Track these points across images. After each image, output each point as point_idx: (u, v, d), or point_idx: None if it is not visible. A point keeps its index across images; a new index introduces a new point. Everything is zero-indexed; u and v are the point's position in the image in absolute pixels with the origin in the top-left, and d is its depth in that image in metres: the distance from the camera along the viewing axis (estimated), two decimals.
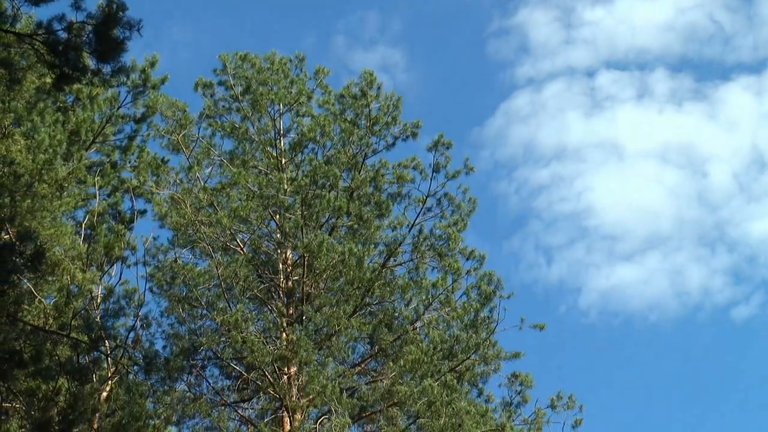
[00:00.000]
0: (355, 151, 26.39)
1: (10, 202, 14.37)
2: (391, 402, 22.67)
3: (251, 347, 22.21)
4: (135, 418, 19.18)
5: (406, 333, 23.99)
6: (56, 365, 15.63)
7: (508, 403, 24.60)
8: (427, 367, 22.07)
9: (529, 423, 24.20)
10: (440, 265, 25.42)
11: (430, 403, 21.08)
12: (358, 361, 25.41)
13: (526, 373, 24.84)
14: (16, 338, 15.07)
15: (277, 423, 24.08)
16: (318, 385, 21.56)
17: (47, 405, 16.48)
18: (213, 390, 24.88)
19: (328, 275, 24.36)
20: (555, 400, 24.46)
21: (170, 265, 24.39)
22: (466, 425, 20.92)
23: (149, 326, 23.22)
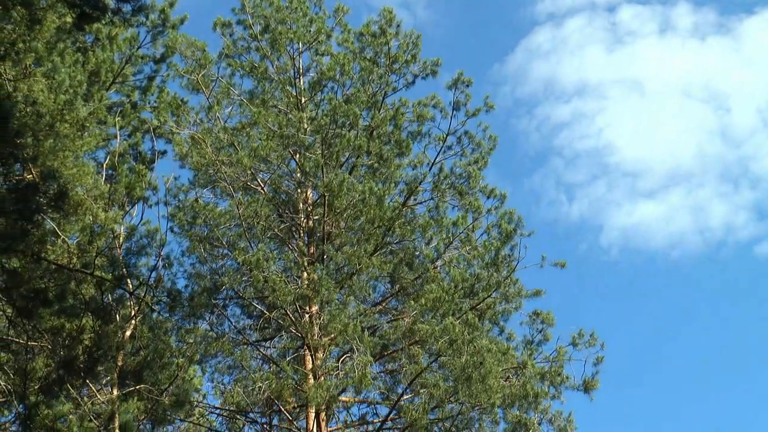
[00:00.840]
0: (375, 89, 26.30)
1: (33, 141, 14.39)
2: (413, 340, 22.74)
3: (273, 286, 22.27)
4: (159, 355, 19.34)
5: (427, 271, 24.04)
6: (80, 304, 15.74)
7: (530, 341, 24.67)
8: (448, 306, 22.09)
9: (550, 361, 24.27)
10: (461, 204, 25.44)
11: (451, 342, 21.11)
12: (379, 299, 25.49)
13: (548, 311, 24.91)
14: (40, 277, 15.17)
15: (299, 361, 24.22)
16: (339, 324, 21.64)
17: (72, 343, 16.63)
18: (235, 329, 25.02)
19: (349, 214, 24.38)
20: (576, 338, 24.51)
21: (191, 205, 24.45)
22: (488, 363, 20.96)
23: (171, 266, 23.31)
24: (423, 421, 21.52)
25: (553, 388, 23.88)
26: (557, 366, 24.02)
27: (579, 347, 24.45)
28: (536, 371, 23.04)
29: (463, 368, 20.84)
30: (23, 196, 13.80)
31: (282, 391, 22.38)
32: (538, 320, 24.77)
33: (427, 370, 21.94)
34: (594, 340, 24.39)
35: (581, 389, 24.14)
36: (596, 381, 24.13)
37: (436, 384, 21.31)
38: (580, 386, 24.13)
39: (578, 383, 24.16)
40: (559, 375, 23.89)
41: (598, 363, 24.26)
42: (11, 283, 14.83)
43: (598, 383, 24.15)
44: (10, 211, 13.66)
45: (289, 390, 22.52)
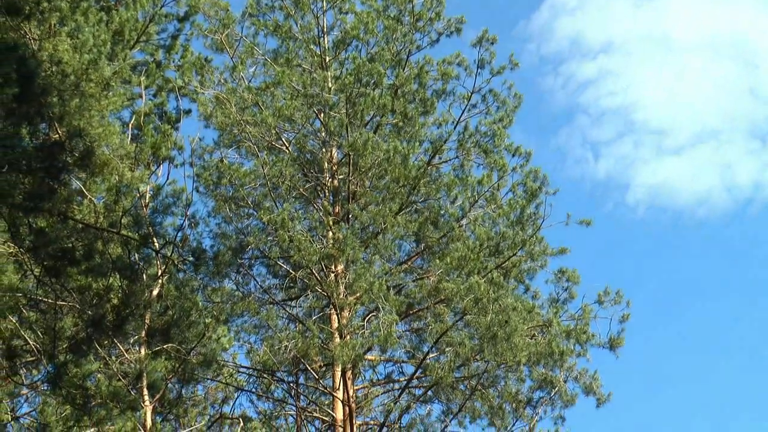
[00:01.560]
0: (399, 48, 26.18)
1: (58, 101, 14.41)
2: (438, 299, 22.77)
3: (298, 246, 22.32)
4: (186, 314, 19.42)
5: (452, 230, 24.03)
6: (107, 263, 15.80)
7: (555, 299, 24.70)
8: (473, 264, 22.10)
9: (575, 319, 24.29)
10: (485, 162, 25.38)
11: (476, 300, 21.14)
12: (404, 258, 25.50)
13: (573, 270, 24.91)
14: (67, 236, 15.24)
15: (324, 321, 24.33)
16: (365, 283, 21.70)
17: (100, 302, 16.71)
18: (261, 289, 25.13)
19: (374, 173, 24.37)
20: (602, 296, 24.51)
21: (216, 165, 24.50)
22: (513, 321, 20.99)
23: (197, 226, 23.35)
24: (448, 379, 21.60)
25: (579, 345, 23.91)
26: (583, 324, 24.03)
27: (605, 305, 24.47)
28: (562, 329, 23.07)
29: (489, 326, 20.87)
30: (50, 154, 13.86)
31: (308, 351, 22.51)
32: (564, 278, 24.78)
33: (452, 329, 21.98)
34: (620, 298, 24.39)
35: (607, 347, 24.18)
36: (622, 339, 24.16)
37: (462, 342, 21.35)
38: (605, 344, 24.17)
39: (604, 341, 24.21)
40: (585, 333, 23.91)
41: (623, 321, 24.29)
42: (39, 243, 14.90)
43: (623, 341, 24.19)
44: (37, 170, 13.72)
45: (315, 349, 22.64)
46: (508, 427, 23.69)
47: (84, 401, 16.81)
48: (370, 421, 25.65)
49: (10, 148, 13.63)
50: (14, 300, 16.47)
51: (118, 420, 17.49)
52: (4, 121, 13.78)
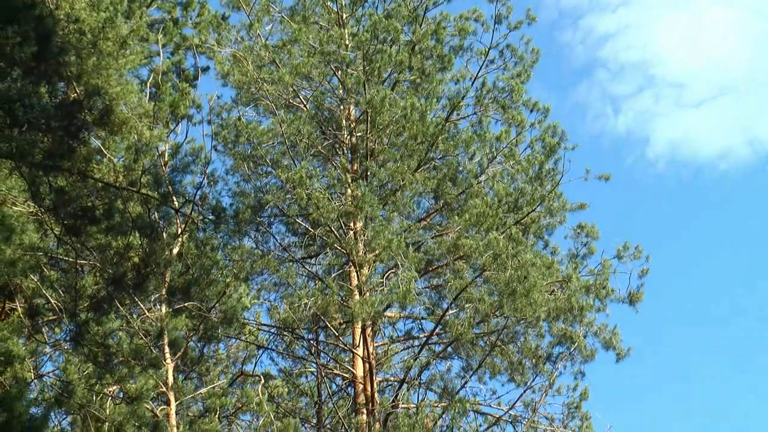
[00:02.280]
0: (416, 4, 26.08)
1: (76, 60, 14.40)
2: (457, 255, 22.80)
3: (316, 203, 22.34)
4: (206, 272, 19.49)
5: (471, 187, 24.02)
6: (127, 221, 15.85)
7: (574, 254, 24.70)
8: (492, 221, 22.11)
9: (595, 274, 24.32)
10: (504, 118, 25.31)
11: (495, 256, 21.16)
12: (423, 215, 25.52)
13: (592, 225, 24.90)
14: (87, 195, 15.29)
15: (344, 278, 24.39)
16: (384, 240, 21.72)
17: (120, 260, 16.78)
18: (280, 247, 25.19)
19: (392, 130, 24.33)
20: (621, 251, 24.50)
21: (234, 124, 24.51)
22: (532, 277, 21.02)
23: (216, 184, 23.40)
24: (468, 335, 21.67)
25: (598, 301, 23.97)
26: (602, 279, 24.07)
27: (624, 260, 24.47)
28: (581, 284, 23.09)
29: (508, 282, 20.90)
30: (68, 113, 13.86)
31: (328, 308, 22.56)
32: (583, 234, 24.77)
33: (471, 285, 22.02)
34: (639, 253, 24.38)
35: (626, 302, 24.21)
36: (641, 293, 24.19)
37: (481, 298, 21.41)
38: (625, 299, 24.20)
39: (623, 296, 24.23)
40: (604, 288, 23.94)
41: (643, 275, 24.30)
42: (59, 202, 14.95)
43: (643, 296, 24.21)
44: (56, 128, 13.74)
45: (334, 306, 22.69)
46: (527, 382, 23.77)
47: (106, 359, 16.92)
48: (390, 377, 25.79)
49: (29, 107, 13.64)
50: (35, 259, 16.55)
51: (140, 378, 17.61)
52: (23, 80, 13.78)
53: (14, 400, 15.07)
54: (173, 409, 19.91)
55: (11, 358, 15.90)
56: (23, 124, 13.66)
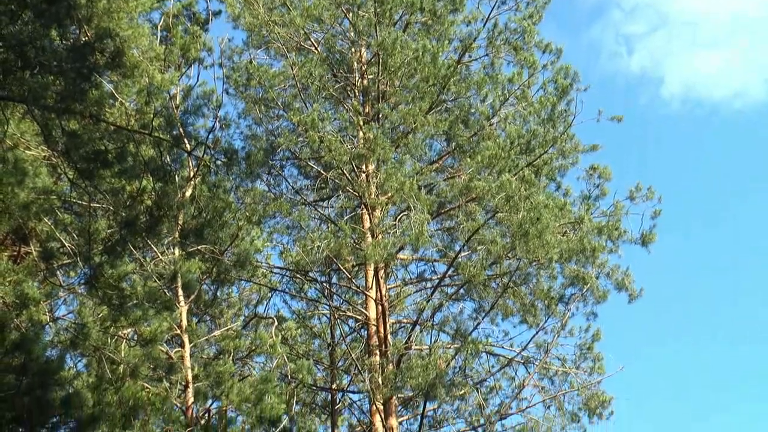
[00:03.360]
0: None
1: (86, 2, 14.36)
2: (469, 197, 22.78)
3: (328, 146, 22.34)
4: (218, 214, 19.54)
5: (483, 129, 23.98)
6: (140, 164, 15.85)
7: (587, 196, 24.67)
8: (504, 162, 22.06)
9: (607, 215, 24.32)
10: (516, 60, 25.20)
11: (508, 198, 21.13)
12: (435, 158, 25.50)
13: (605, 166, 24.86)
14: (99, 138, 15.29)
15: (356, 220, 24.44)
16: (396, 183, 21.71)
17: (133, 203, 16.82)
18: (292, 190, 25.25)
19: (403, 73, 24.21)
20: (634, 192, 24.47)
21: (245, 67, 24.45)
22: (545, 218, 20.99)
23: (228, 127, 23.43)
24: (480, 277, 21.71)
25: (611, 242, 23.98)
26: (614, 220, 24.07)
27: (636, 201, 24.46)
28: (593, 226, 23.10)
29: (520, 224, 20.89)
30: (80, 55, 13.82)
31: (340, 250, 22.60)
32: (595, 175, 24.72)
33: (484, 227, 22.02)
34: (651, 194, 24.35)
35: (639, 243, 24.20)
36: (654, 234, 24.18)
37: (494, 240, 21.40)
38: (637, 240, 24.19)
39: (636, 237, 24.23)
40: (617, 229, 23.95)
41: (655, 216, 24.28)
42: (71, 145, 14.96)
43: (655, 237, 24.21)
44: (68, 71, 13.72)
45: (347, 249, 22.74)
46: (540, 323, 23.83)
47: (120, 302, 17.01)
48: (403, 319, 25.92)
49: (40, 50, 13.62)
50: (49, 202, 16.62)
51: (154, 320, 17.74)
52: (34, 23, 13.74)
53: (31, 343, 15.23)
54: (187, 352, 20.07)
55: (26, 301, 16.01)
56: (35, 66, 13.65)
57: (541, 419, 24.14)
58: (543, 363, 23.87)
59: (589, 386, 24.07)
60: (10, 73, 13.76)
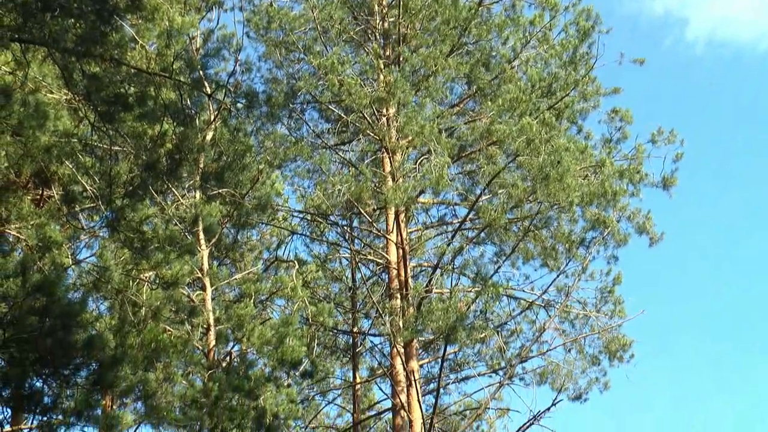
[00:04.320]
0: None
1: None
2: (490, 141, 22.72)
3: (349, 90, 22.27)
4: (239, 157, 19.56)
5: (504, 72, 23.83)
6: (160, 108, 15.84)
7: (608, 139, 24.58)
8: (525, 106, 21.95)
9: (629, 158, 24.23)
10: (537, 2, 25.00)
11: (528, 141, 21.05)
12: (456, 101, 25.38)
13: (626, 109, 24.74)
14: (120, 81, 15.27)
15: (377, 164, 24.42)
16: (416, 126, 21.65)
17: (154, 147, 16.84)
18: (313, 133, 25.19)
19: (424, 15, 24.08)
20: (655, 136, 24.37)
21: (266, 10, 24.29)
22: (565, 162, 20.91)
23: (248, 71, 23.36)
24: (501, 221, 21.68)
25: (632, 185, 23.90)
26: (636, 164, 23.98)
27: (658, 144, 24.37)
28: (614, 169, 23.01)
29: (541, 167, 20.82)
30: None
31: (361, 194, 22.60)
32: (617, 118, 24.61)
33: (504, 171, 21.95)
34: (673, 137, 24.25)
35: (660, 186, 24.14)
36: (675, 178, 24.13)
37: (514, 184, 21.36)
38: (658, 183, 24.12)
39: (657, 180, 24.16)
40: (638, 172, 23.86)
41: (677, 160, 24.19)
42: (92, 88, 14.94)
43: (677, 180, 24.15)
44: (88, 13, 13.69)
45: (368, 192, 22.74)
46: (560, 267, 23.86)
47: (142, 245, 17.09)
48: (424, 262, 25.96)
49: None
50: (70, 146, 16.66)
51: (176, 263, 17.82)
52: None
53: (53, 285, 15.33)
54: (209, 295, 20.19)
55: (49, 244, 16.12)
56: (55, 8, 13.60)
57: (562, 362, 24.32)
58: (564, 306, 23.93)
59: (610, 329, 24.17)
60: (31, 16, 13.71)
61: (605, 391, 24.85)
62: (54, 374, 16.24)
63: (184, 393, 18.78)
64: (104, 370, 16.10)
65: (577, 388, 24.71)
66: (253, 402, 18.89)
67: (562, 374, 24.11)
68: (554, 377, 24.21)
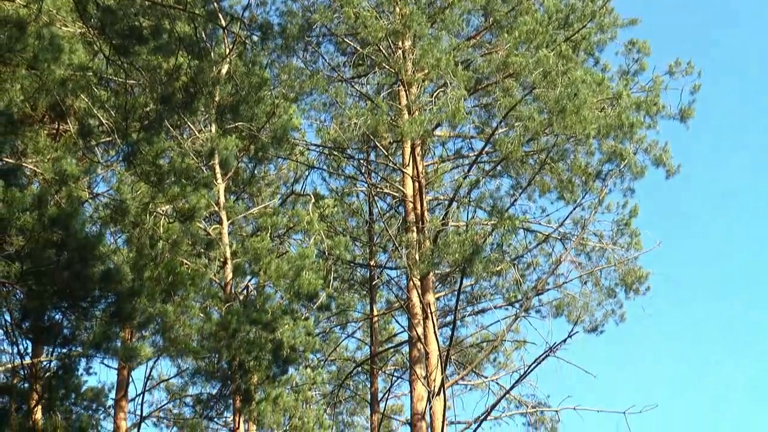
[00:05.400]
0: None
1: None
2: (507, 73, 22.59)
3: (364, 22, 22.14)
4: (255, 89, 19.52)
5: (521, 3, 23.69)
6: (175, 41, 15.79)
7: (625, 71, 24.44)
8: (542, 38, 21.81)
9: (646, 90, 24.10)
10: None
11: (545, 74, 20.96)
12: (472, 33, 25.17)
13: (644, 41, 24.55)
14: (134, 14, 15.22)
15: (393, 97, 24.33)
16: (432, 59, 21.55)
17: (169, 80, 16.82)
18: (329, 66, 25.10)
19: None
20: (673, 67, 24.22)
21: None
22: (582, 94, 20.82)
23: (264, 3, 23.27)
24: (517, 153, 21.63)
25: (649, 117, 23.82)
26: (653, 95, 23.85)
27: (675, 76, 24.24)
28: (632, 101, 22.91)
29: (558, 100, 20.73)
30: None
31: (377, 127, 22.55)
32: (634, 50, 24.44)
33: (521, 103, 21.85)
34: (691, 68, 24.10)
35: (677, 118, 24.03)
36: (692, 110, 23.99)
37: (531, 116, 21.26)
38: (676, 115, 24.01)
39: (674, 112, 24.06)
40: (655, 104, 23.75)
41: (694, 91, 24.05)
42: (106, 21, 14.90)
43: (694, 112, 24.01)
44: None
45: (384, 125, 22.69)
46: (577, 199, 23.85)
47: (158, 179, 17.11)
48: (440, 196, 26.00)
49: None
50: (85, 79, 16.65)
51: (192, 197, 17.85)
52: None
53: (70, 218, 15.40)
54: (225, 229, 20.29)
55: (65, 178, 16.15)
56: None
57: (578, 295, 24.39)
58: (580, 239, 23.95)
59: (626, 262, 24.20)
60: None
61: (621, 323, 24.97)
62: (72, 307, 16.37)
63: (201, 326, 18.93)
64: (122, 302, 16.21)
65: (593, 320, 24.83)
66: (271, 334, 19.05)
67: (578, 306, 24.19)
68: (570, 309, 24.31)
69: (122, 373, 23.16)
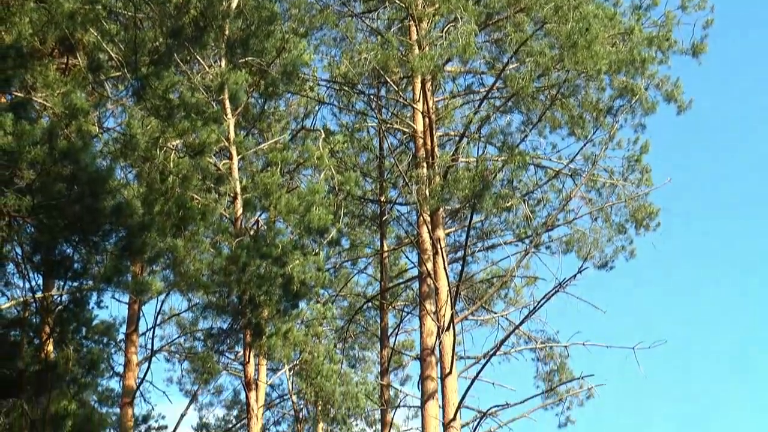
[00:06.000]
0: None
1: None
2: (518, 8, 22.44)
3: None
4: (264, 23, 19.41)
5: None
6: None
7: (637, 5, 24.29)
8: None
9: (658, 25, 23.93)
10: None
11: (556, 8, 20.82)
12: None
13: None
14: None
15: (403, 32, 24.20)
16: None
17: (179, 14, 16.77)
18: (339, 1, 24.92)
19: None
20: (685, 2, 24.04)
21: None
22: (594, 29, 20.67)
23: None
24: (528, 89, 21.54)
25: (661, 53, 23.65)
26: (665, 30, 23.68)
27: (688, 11, 24.07)
28: (643, 36, 22.73)
29: (569, 35, 20.59)
30: None
31: (388, 62, 22.46)
32: None
33: (532, 38, 21.68)
34: (704, 3, 23.95)
35: (689, 53, 23.86)
36: (705, 45, 23.82)
37: (542, 52, 21.12)
38: (688, 50, 23.85)
39: (686, 47, 23.88)
40: (667, 39, 23.58)
41: (707, 26, 23.85)
42: None
43: (706, 47, 23.85)
44: None
45: (394, 60, 22.60)
46: (588, 135, 23.73)
47: (168, 113, 17.11)
48: (450, 131, 25.94)
49: None
50: (94, 12, 16.58)
51: (202, 131, 17.83)
52: None
53: (80, 152, 15.39)
54: (235, 164, 20.27)
55: (75, 112, 16.12)
56: None
57: (588, 231, 24.43)
58: (590, 175, 23.93)
59: (637, 198, 24.18)
60: None
61: (631, 259, 25.00)
62: (83, 240, 16.39)
63: (211, 260, 18.98)
64: (132, 236, 16.24)
65: (603, 257, 24.87)
66: (281, 269, 19.08)
67: (588, 242, 24.24)
68: (580, 245, 24.37)
69: (133, 308, 23.33)
